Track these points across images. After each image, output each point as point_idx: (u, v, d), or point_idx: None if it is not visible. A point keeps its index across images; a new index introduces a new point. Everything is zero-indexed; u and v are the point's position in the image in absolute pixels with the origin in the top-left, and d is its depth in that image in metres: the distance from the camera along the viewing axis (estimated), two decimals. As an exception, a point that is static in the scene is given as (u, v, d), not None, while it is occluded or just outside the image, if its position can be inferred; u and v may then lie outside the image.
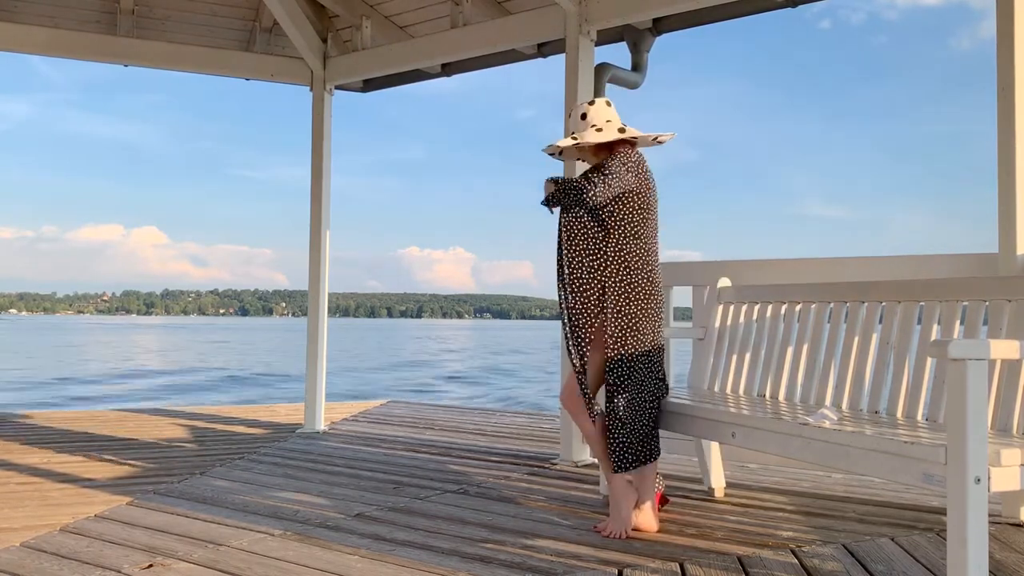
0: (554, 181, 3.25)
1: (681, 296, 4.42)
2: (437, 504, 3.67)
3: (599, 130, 3.21)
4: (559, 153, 3.43)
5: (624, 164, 3.14)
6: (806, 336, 3.44)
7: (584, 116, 3.26)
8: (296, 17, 5.78)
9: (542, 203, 3.25)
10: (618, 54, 5.16)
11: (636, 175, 3.15)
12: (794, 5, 4.59)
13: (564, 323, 3.26)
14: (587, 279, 3.19)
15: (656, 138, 3.29)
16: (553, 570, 2.74)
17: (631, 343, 3.17)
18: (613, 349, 3.16)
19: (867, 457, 2.47)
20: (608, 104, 3.30)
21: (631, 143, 3.27)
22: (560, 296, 3.28)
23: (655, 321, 3.24)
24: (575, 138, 3.25)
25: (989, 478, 2.14)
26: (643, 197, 3.18)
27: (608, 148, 3.27)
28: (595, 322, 3.20)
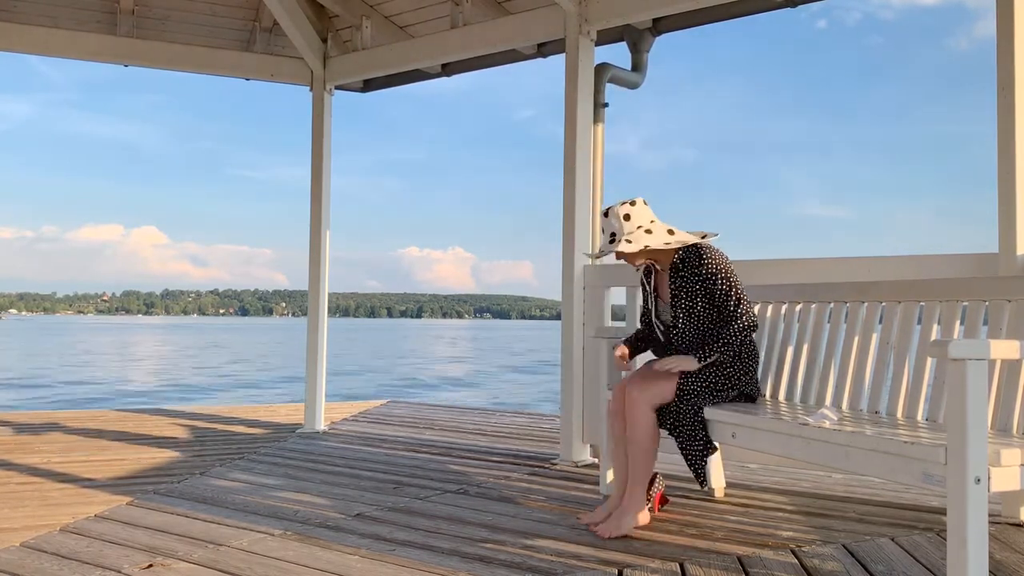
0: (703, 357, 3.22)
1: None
2: (437, 504, 3.67)
3: (648, 232, 3.26)
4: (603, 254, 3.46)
5: (727, 264, 3.23)
6: (806, 336, 3.44)
7: (628, 217, 3.27)
8: (296, 17, 5.78)
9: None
10: (618, 54, 5.16)
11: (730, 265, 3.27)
12: (794, 5, 4.59)
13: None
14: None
15: (704, 236, 3.33)
16: (553, 570, 2.74)
17: None
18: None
19: (867, 457, 2.47)
20: (645, 203, 3.31)
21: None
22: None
23: None
24: (627, 242, 3.23)
25: (989, 478, 2.15)
26: None
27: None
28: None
